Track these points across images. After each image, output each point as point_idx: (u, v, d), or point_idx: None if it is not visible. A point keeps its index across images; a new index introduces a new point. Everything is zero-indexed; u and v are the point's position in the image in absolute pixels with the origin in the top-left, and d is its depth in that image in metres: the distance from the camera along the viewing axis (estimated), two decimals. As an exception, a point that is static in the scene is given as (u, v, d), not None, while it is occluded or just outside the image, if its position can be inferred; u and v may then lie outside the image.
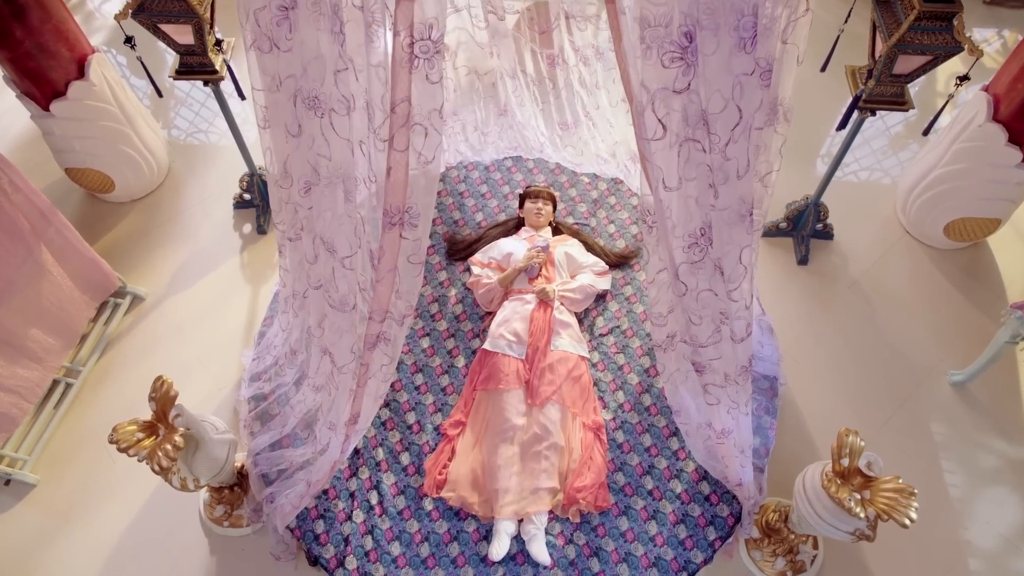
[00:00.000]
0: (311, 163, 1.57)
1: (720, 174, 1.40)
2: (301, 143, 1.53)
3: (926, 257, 3.58)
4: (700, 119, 1.33)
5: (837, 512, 2.22)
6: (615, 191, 3.45)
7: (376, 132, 1.41)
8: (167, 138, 4.14)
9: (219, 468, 2.49)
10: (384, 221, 1.48)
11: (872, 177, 3.94)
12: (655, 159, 1.43)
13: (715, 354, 1.81)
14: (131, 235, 3.73)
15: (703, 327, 1.74)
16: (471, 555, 2.50)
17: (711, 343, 1.78)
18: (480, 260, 3.11)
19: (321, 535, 2.54)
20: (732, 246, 1.55)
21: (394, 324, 1.77)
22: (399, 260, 1.57)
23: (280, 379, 2.72)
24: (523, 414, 2.63)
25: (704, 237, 1.53)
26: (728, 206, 1.47)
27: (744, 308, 1.66)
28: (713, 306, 1.69)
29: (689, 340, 1.79)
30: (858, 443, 2.21)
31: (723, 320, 1.72)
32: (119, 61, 4.62)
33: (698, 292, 1.67)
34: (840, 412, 3.06)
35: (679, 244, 1.58)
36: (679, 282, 1.65)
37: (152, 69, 2.94)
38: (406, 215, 1.50)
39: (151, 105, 4.35)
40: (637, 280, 3.13)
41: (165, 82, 4.45)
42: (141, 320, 3.43)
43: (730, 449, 2.15)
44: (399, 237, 1.52)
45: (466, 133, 3.46)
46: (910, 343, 3.27)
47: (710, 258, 1.58)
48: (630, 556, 2.50)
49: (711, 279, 1.63)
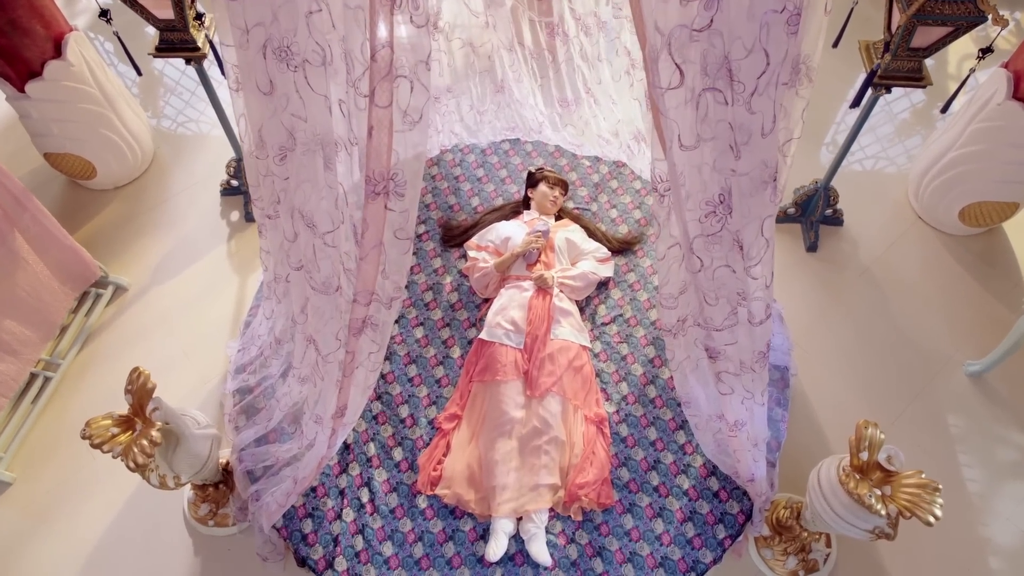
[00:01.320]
0: (286, 126, 1.43)
1: (742, 132, 1.26)
2: (274, 104, 1.39)
3: (939, 244, 3.47)
4: (722, 65, 1.19)
5: (855, 509, 2.11)
6: (617, 175, 3.33)
7: (355, 86, 1.27)
8: (155, 127, 4.01)
9: (201, 465, 2.38)
10: (367, 190, 1.34)
11: (877, 166, 3.82)
12: (670, 112, 1.28)
13: (730, 338, 1.67)
14: (114, 223, 3.61)
15: (718, 308, 1.60)
16: (467, 556, 2.39)
17: (727, 326, 1.64)
18: (476, 244, 3.00)
19: (309, 535, 2.43)
20: (753, 217, 1.41)
21: (382, 308, 1.64)
22: (385, 235, 1.43)
23: (266, 371, 2.59)
24: (522, 407, 2.53)
25: (723, 205, 1.39)
26: (750, 170, 1.33)
27: (764, 287, 1.53)
28: (730, 285, 1.55)
29: (703, 323, 1.65)
30: (878, 436, 2.09)
31: (740, 301, 1.59)
32: (106, 48, 4.49)
33: (714, 269, 1.53)
34: (852, 404, 2.95)
35: (694, 214, 1.44)
36: (694, 257, 1.51)
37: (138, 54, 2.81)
38: (391, 183, 1.36)
39: (140, 94, 4.23)
40: (641, 267, 3.01)
41: (152, 69, 4.35)
42: (124, 311, 3.32)
43: (743, 442, 2.02)
44: (384, 208, 1.38)
45: (461, 112, 3.32)
46: (924, 332, 3.16)
47: (728, 230, 1.44)
48: (635, 556, 2.39)
49: (729, 254, 1.49)
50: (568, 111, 3.22)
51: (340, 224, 1.49)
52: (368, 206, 1.36)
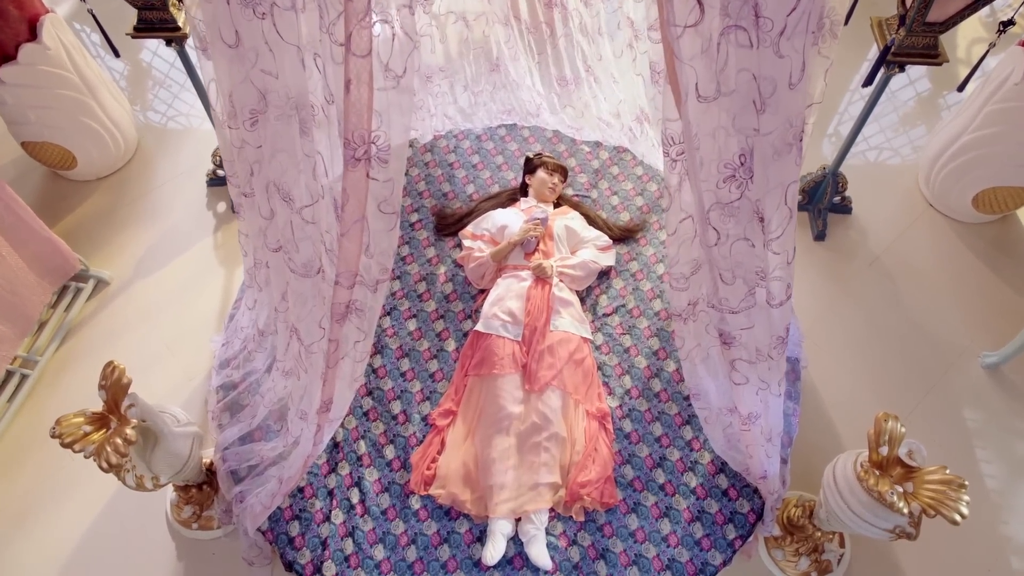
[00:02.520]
0: (257, 86, 1.29)
1: (767, 84, 1.13)
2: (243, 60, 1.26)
3: (952, 232, 3.37)
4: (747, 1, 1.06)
5: (874, 507, 2.00)
6: (618, 160, 3.21)
7: (329, 32, 1.14)
8: (143, 122, 3.89)
9: (181, 464, 2.26)
10: (346, 156, 1.21)
11: (881, 157, 3.71)
12: (686, 56, 1.15)
13: (746, 322, 1.54)
14: (96, 215, 3.50)
15: (735, 288, 1.47)
16: (463, 559, 2.27)
17: (743, 308, 1.51)
18: (471, 232, 2.89)
19: (296, 538, 2.31)
20: (775, 184, 1.28)
21: (367, 291, 1.51)
22: (368, 208, 1.30)
23: (250, 365, 2.46)
24: (520, 401, 2.41)
25: (743, 168, 1.25)
26: (773, 129, 1.19)
27: (785, 264, 1.40)
28: (748, 262, 1.42)
29: (717, 304, 1.52)
30: (898, 429, 1.98)
31: (759, 279, 1.46)
32: (92, 41, 4.37)
33: (731, 243, 1.39)
34: (864, 398, 2.85)
35: (711, 180, 1.31)
36: (710, 229, 1.37)
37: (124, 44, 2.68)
38: (373, 147, 1.23)
39: (128, 88, 4.10)
40: (644, 255, 2.89)
41: (140, 61, 4.24)
42: (105, 306, 3.22)
43: (756, 436, 1.90)
44: (365, 178, 1.25)
45: (455, 93, 3.19)
46: (938, 323, 3.07)
47: (748, 198, 1.31)
48: (640, 558, 2.27)
49: (748, 226, 1.36)
50: (567, 91, 3.09)
51: (319, 198, 1.36)
52: (348, 174, 1.23)
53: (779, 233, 1.33)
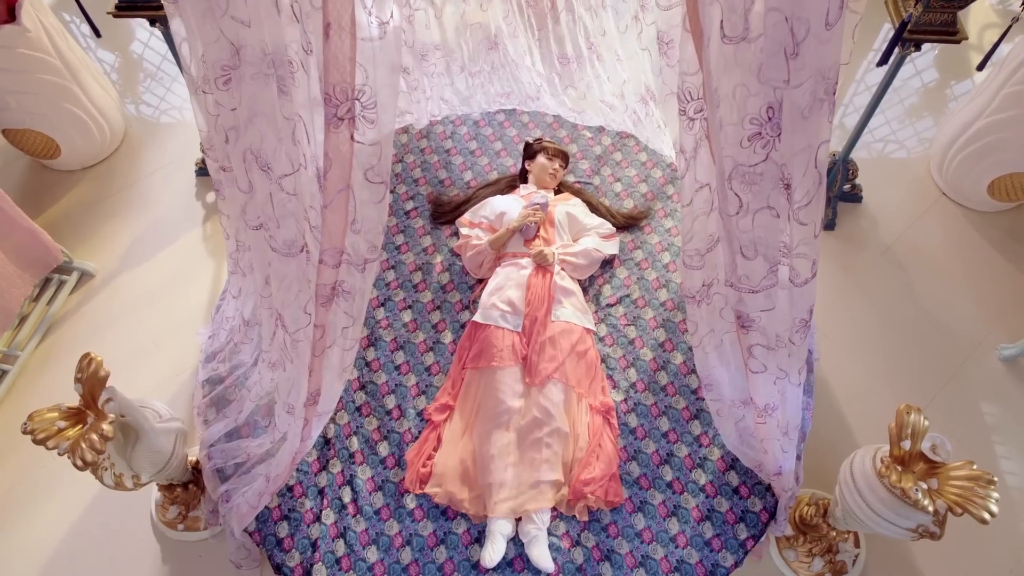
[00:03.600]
0: (229, 37, 1.17)
1: (800, 24, 1.01)
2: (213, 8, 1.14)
3: (966, 220, 3.28)
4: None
5: (896, 505, 1.89)
6: (621, 146, 3.11)
7: (306, -31, 1.03)
8: (135, 115, 3.79)
9: (164, 462, 2.16)
10: (327, 114, 1.09)
11: (887, 149, 3.60)
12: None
13: (766, 303, 1.43)
14: (81, 206, 3.41)
15: (756, 265, 1.36)
16: (461, 561, 2.17)
17: (764, 287, 1.39)
18: (469, 220, 2.79)
19: (285, 539, 2.20)
20: (804, 145, 1.16)
21: (354, 271, 1.39)
22: (352, 176, 1.19)
23: (237, 358, 2.35)
24: (520, 395, 2.32)
25: (771, 124, 1.14)
26: (804, 81, 1.07)
27: (812, 237, 1.28)
28: (771, 234, 1.31)
29: (736, 283, 1.40)
30: (922, 422, 1.88)
31: (783, 255, 1.34)
32: (83, 32, 4.27)
33: (754, 212, 1.28)
34: (877, 392, 2.75)
35: (734, 137, 1.19)
36: (731, 195, 1.25)
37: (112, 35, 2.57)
38: (357, 104, 1.12)
39: (119, 80, 4.00)
40: (648, 244, 2.79)
41: (131, 53, 4.14)
42: (90, 299, 3.12)
43: (772, 430, 1.79)
44: (349, 141, 1.14)
45: (451, 74, 3.07)
46: (953, 314, 2.97)
47: (774, 161, 1.19)
48: (648, 560, 2.17)
49: (772, 193, 1.24)
50: (568, 70, 2.98)
51: (301, 167, 1.24)
52: (329, 137, 1.11)
53: (806, 201, 1.21)
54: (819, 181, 1.20)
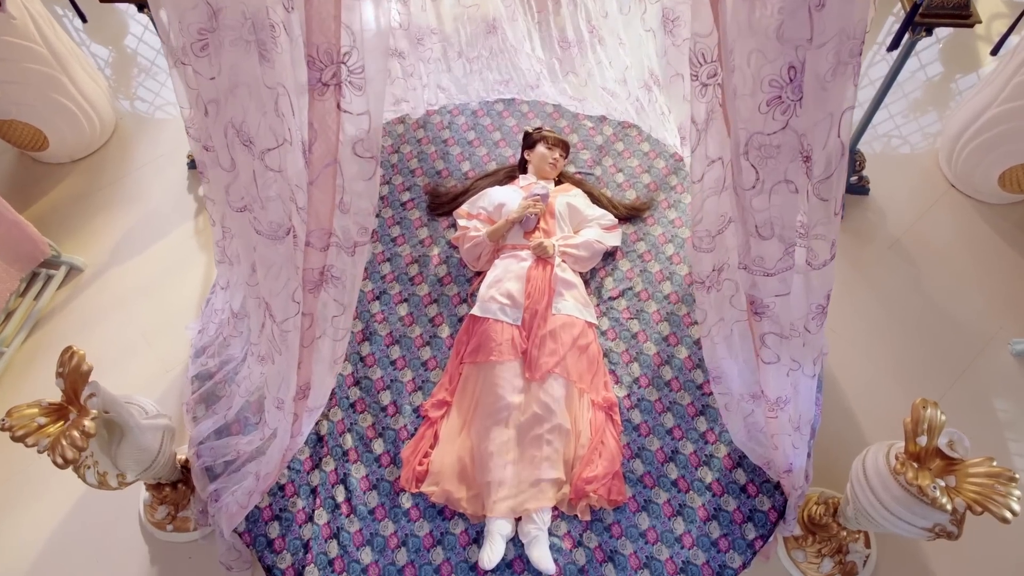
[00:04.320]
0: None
1: (825, -26, 0.94)
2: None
3: (976, 213, 3.21)
4: None
5: (911, 504, 1.82)
6: (623, 136, 3.04)
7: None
8: (130, 110, 3.71)
9: (150, 460, 2.09)
10: (310, 79, 1.01)
11: (891, 144, 3.53)
12: None
13: (781, 288, 1.35)
14: (70, 199, 3.34)
15: (771, 246, 1.28)
16: (458, 562, 2.11)
17: (779, 270, 1.31)
18: (467, 211, 2.73)
19: (276, 540, 2.14)
20: (826, 112, 1.08)
21: (343, 255, 1.32)
22: (340, 150, 1.11)
23: (227, 352, 2.28)
24: (520, 391, 2.26)
25: (792, 86, 1.05)
26: (827, 40, 0.99)
27: (832, 215, 1.20)
28: (788, 212, 1.22)
29: (750, 265, 1.32)
30: (938, 417, 1.80)
31: (799, 235, 1.27)
32: (75, 26, 4.19)
33: (771, 186, 1.20)
34: (886, 388, 2.69)
35: (752, 102, 1.10)
36: (748, 166, 1.17)
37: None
38: (343, 68, 1.04)
39: (113, 76, 3.92)
40: (651, 235, 2.73)
41: (125, 47, 4.07)
42: (78, 294, 3.05)
43: (783, 425, 1.71)
44: (336, 109, 1.06)
45: (448, 60, 3.00)
46: (963, 309, 2.91)
47: (794, 129, 1.11)
48: (652, 561, 2.11)
49: (791, 166, 1.16)
50: (569, 54, 2.90)
51: (285, 141, 1.16)
52: (314, 105, 1.04)
53: (827, 174, 1.13)
54: (842, 152, 1.13)
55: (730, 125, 1.18)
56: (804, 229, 1.26)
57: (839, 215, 1.22)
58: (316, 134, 1.08)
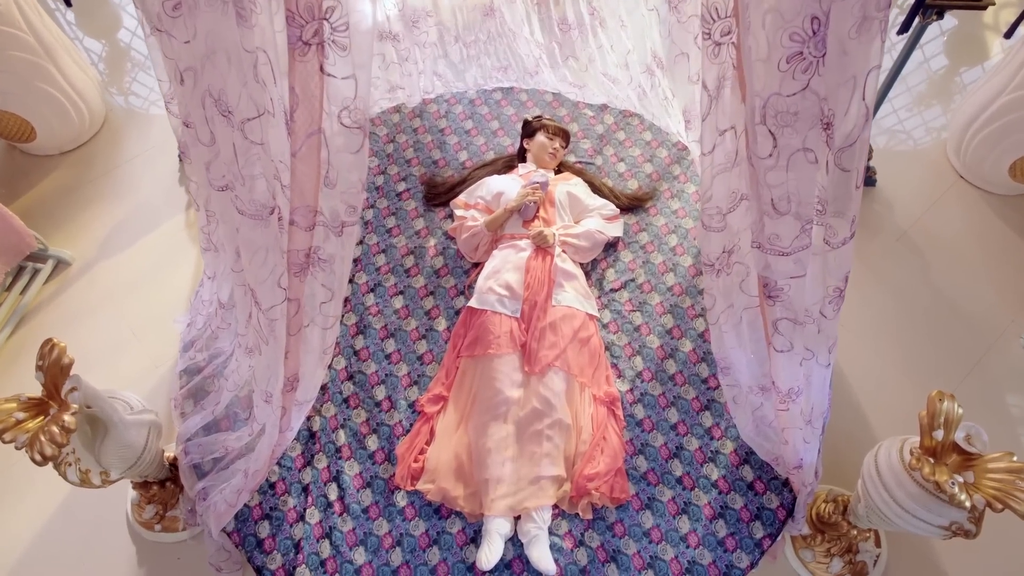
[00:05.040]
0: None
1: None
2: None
3: (985, 204, 3.15)
4: None
5: (927, 501, 1.76)
6: (624, 125, 2.98)
7: None
8: (124, 106, 3.65)
9: (135, 457, 2.02)
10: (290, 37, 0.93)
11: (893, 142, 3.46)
12: None
13: (797, 269, 1.27)
14: (58, 192, 3.27)
15: (786, 223, 1.20)
16: (455, 563, 2.05)
17: (795, 249, 1.23)
18: (464, 201, 2.67)
19: (266, 540, 2.07)
20: (850, 74, 1.00)
21: (331, 236, 1.24)
22: (324, 119, 1.04)
23: (216, 346, 2.21)
24: (519, 385, 2.20)
25: (815, 40, 0.97)
26: (853, -9, 0.93)
27: (853, 188, 1.12)
28: (806, 185, 1.14)
29: (764, 243, 1.24)
30: (955, 410, 1.73)
31: (817, 212, 1.19)
32: (67, 19, 4.12)
33: (789, 155, 1.12)
34: (895, 383, 2.62)
35: (771, 60, 1.02)
36: (765, 133, 1.09)
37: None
38: (325, 25, 0.96)
39: (106, 70, 3.85)
40: (654, 226, 2.67)
41: (118, 41, 4.01)
42: (66, 288, 2.99)
43: (794, 418, 1.64)
44: (319, 72, 0.98)
45: (444, 44, 2.92)
46: (973, 301, 2.85)
47: (815, 91, 1.03)
48: (657, 561, 2.05)
49: (810, 133, 1.08)
50: (568, 37, 2.83)
51: (266, 111, 1.09)
52: (295, 67, 0.96)
53: (850, 142, 1.05)
54: (866, 117, 1.05)
55: (745, 89, 1.10)
56: (822, 205, 1.19)
57: (860, 189, 1.14)
58: (298, 100, 1.00)
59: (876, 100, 2.79)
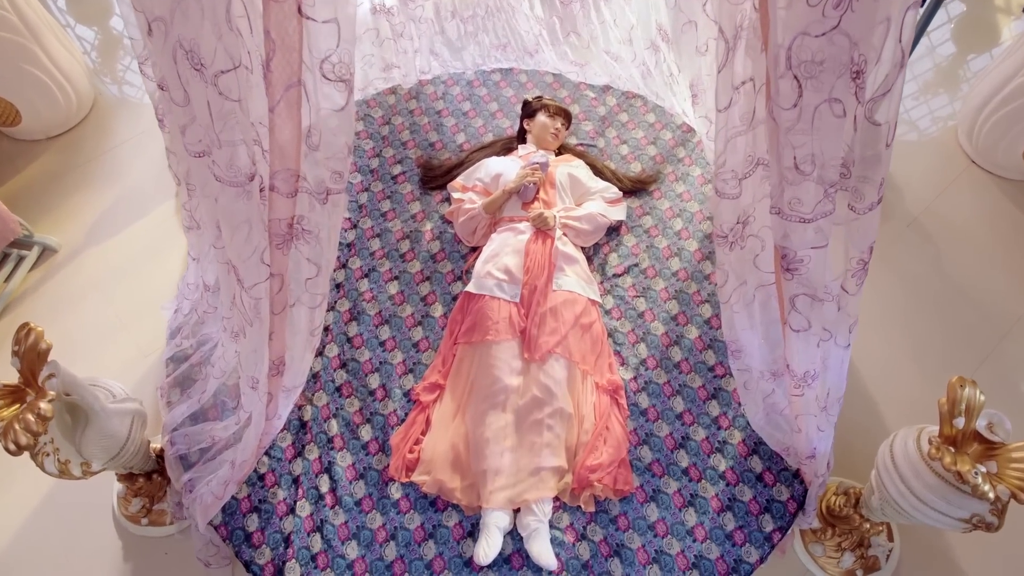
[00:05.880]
0: None
1: None
2: None
3: (998, 189, 3.09)
4: None
5: (946, 492, 1.69)
6: (627, 107, 2.93)
7: None
8: (117, 96, 3.57)
9: (118, 448, 1.96)
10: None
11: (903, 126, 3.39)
12: None
13: (818, 239, 1.18)
14: (45, 177, 3.20)
15: (808, 186, 1.11)
16: (452, 557, 2.01)
17: (817, 216, 1.14)
18: (462, 184, 2.62)
19: (254, 533, 2.02)
20: (884, 17, 0.92)
21: (315, 203, 1.16)
22: (304, 71, 0.95)
23: (203, 331, 2.13)
24: (518, 372, 2.15)
25: None
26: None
27: (884, 146, 1.04)
28: (832, 142, 1.04)
29: (784, 208, 1.16)
30: (977, 396, 1.66)
31: (842, 175, 1.10)
32: (59, 5, 4.03)
33: (815, 106, 1.03)
34: (907, 372, 2.56)
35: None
36: (790, 80, 0.99)
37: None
38: (303, -41, 0.88)
39: (99, 59, 3.77)
40: (658, 209, 2.62)
41: (111, 28, 3.92)
42: (52, 275, 2.92)
43: (808, 404, 1.56)
44: (296, 15, 0.89)
45: (441, 20, 2.85)
46: (987, 288, 2.78)
47: (846, 32, 0.94)
48: (662, 555, 2.00)
49: (839, 83, 0.99)
50: (570, 11, 2.75)
51: (241, 63, 1.00)
52: (270, 7, 0.87)
53: (883, 90, 0.96)
54: (902, 62, 0.96)
55: (768, 32, 1.01)
56: (846, 168, 1.10)
57: (891, 147, 1.06)
58: (275, 46, 0.92)
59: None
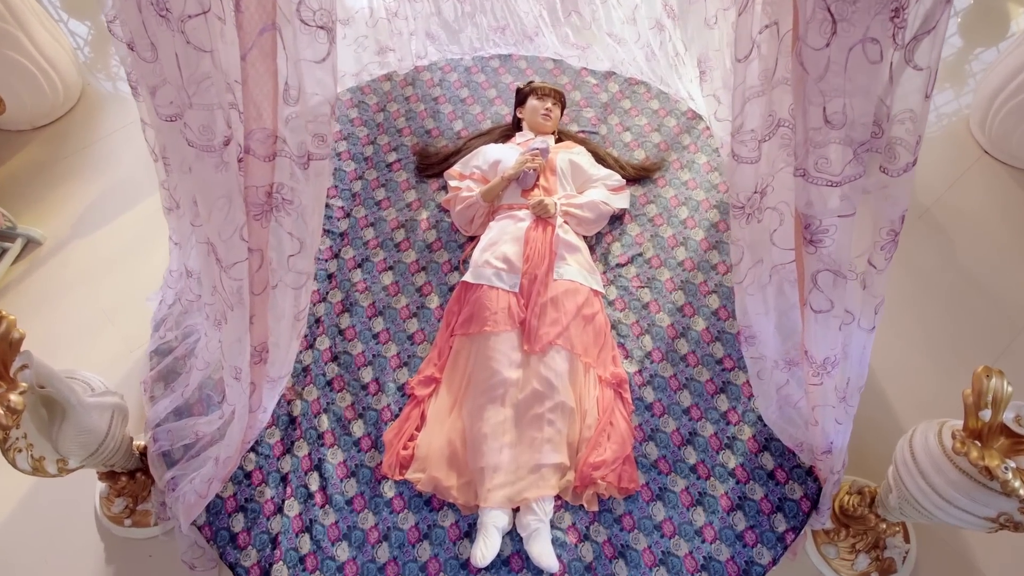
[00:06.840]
0: None
1: None
2: None
3: (1012, 180, 3.04)
4: None
5: (971, 489, 1.60)
6: (630, 93, 2.89)
7: None
8: (112, 91, 3.51)
9: (96, 444, 1.89)
10: None
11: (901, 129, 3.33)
12: None
13: (845, 207, 1.08)
14: (30, 168, 3.16)
15: (836, 147, 1.01)
16: (448, 559, 1.95)
17: (846, 179, 1.04)
18: (459, 171, 2.57)
19: (240, 534, 1.95)
20: None
21: (295, 170, 1.07)
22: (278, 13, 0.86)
23: (188, 323, 2.05)
24: (518, 365, 2.09)
25: None
26: None
27: (923, 97, 0.94)
28: (864, 95, 0.94)
29: (809, 170, 1.05)
30: (1004, 388, 1.57)
31: (874, 134, 1.00)
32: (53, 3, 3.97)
33: (849, 47, 0.92)
34: (920, 367, 2.50)
35: None
36: (820, 12, 0.89)
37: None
38: None
39: (92, 54, 3.70)
40: (663, 198, 2.57)
41: (103, 23, 3.85)
42: (36, 268, 2.86)
43: (827, 394, 1.47)
44: (268, -55, 0.81)
45: (438, 3, 2.77)
46: (1002, 281, 2.71)
47: None
48: (669, 557, 1.93)
49: (875, 21, 0.88)
50: (570, -8, 2.69)
51: (209, 8, 0.90)
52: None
53: (927, 27, 0.86)
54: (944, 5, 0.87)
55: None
56: (878, 127, 1.01)
57: (930, 98, 0.96)
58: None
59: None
